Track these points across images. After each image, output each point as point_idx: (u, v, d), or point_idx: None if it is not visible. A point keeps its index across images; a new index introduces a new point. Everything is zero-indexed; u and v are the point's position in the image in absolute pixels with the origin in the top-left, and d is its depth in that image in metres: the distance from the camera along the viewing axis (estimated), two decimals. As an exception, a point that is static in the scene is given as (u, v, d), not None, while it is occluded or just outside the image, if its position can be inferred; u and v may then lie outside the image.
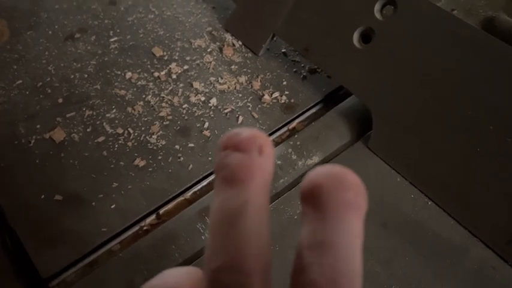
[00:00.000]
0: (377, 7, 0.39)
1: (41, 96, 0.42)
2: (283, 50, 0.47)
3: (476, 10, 0.42)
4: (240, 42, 0.47)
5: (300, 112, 0.42)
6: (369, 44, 0.39)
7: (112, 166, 0.37)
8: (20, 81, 0.43)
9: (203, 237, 0.34)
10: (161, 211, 0.36)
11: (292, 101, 0.42)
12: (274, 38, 0.45)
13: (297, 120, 0.42)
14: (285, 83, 0.44)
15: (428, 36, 0.36)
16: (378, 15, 0.39)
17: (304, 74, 0.45)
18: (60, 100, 0.42)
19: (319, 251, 0.15)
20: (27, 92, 0.42)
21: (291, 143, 0.39)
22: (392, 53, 0.37)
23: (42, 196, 0.36)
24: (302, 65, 0.45)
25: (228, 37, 0.48)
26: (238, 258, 0.15)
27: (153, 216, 0.36)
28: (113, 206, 0.35)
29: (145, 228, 0.35)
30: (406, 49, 0.37)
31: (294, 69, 0.45)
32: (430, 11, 0.36)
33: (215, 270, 0.15)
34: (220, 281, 0.15)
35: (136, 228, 0.35)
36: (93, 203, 0.35)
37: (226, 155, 0.16)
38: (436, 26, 0.36)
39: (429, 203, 0.35)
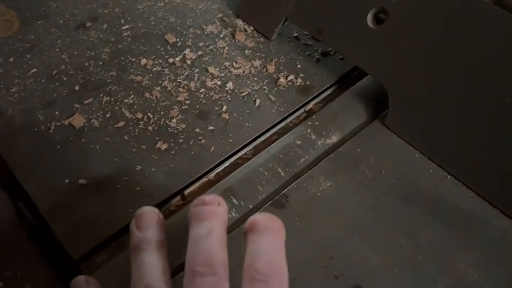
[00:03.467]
0: (390, -12, 0.40)
1: (57, 83, 0.42)
2: (295, 34, 0.47)
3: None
4: (252, 28, 0.47)
5: (316, 94, 0.42)
6: (383, 24, 0.40)
7: (134, 150, 0.38)
8: (35, 70, 0.43)
9: (229, 215, 0.34)
10: (186, 192, 0.36)
11: (307, 83, 0.43)
12: (286, 23, 0.46)
13: (313, 102, 0.42)
14: (299, 66, 0.44)
15: (440, 14, 0.37)
16: (391, -5, 0.40)
17: (317, 56, 0.45)
18: (77, 87, 0.42)
19: (257, 254, 0.24)
20: (43, 80, 0.42)
21: (309, 123, 0.40)
22: (406, 32, 0.38)
23: (66, 181, 0.36)
24: (315, 48, 0.46)
25: (240, 23, 0.48)
26: (209, 257, 0.24)
27: (178, 198, 0.36)
28: (138, 189, 0.35)
29: (171, 209, 0.35)
30: (419, 28, 0.38)
31: (307, 53, 0.46)
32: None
33: (194, 265, 0.23)
34: (198, 271, 0.23)
35: (162, 209, 0.35)
36: (118, 186, 0.35)
37: (197, 208, 0.26)
38: (449, 4, 0.36)
39: (448, 177, 0.36)
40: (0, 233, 0.34)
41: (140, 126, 0.39)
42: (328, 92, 0.43)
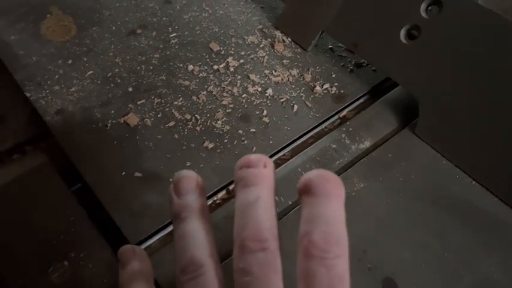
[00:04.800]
0: (423, 6, 0.43)
1: (112, 85, 0.46)
2: (329, 46, 0.51)
3: (505, 4, 0.46)
4: (290, 39, 0.51)
5: (350, 102, 0.46)
6: (415, 40, 0.43)
7: (184, 148, 0.41)
8: (91, 72, 0.47)
9: (271, 211, 0.37)
10: (231, 187, 0.40)
11: (341, 91, 0.46)
12: (322, 35, 0.49)
13: (347, 109, 0.45)
14: (333, 75, 0.48)
15: (471, 32, 0.40)
16: (423, 14, 0.43)
17: (351, 67, 0.49)
18: (130, 89, 0.46)
19: (314, 222, 0.21)
20: (99, 82, 0.46)
21: (344, 129, 0.43)
22: (437, 48, 0.41)
23: (123, 173, 0.39)
24: (348, 59, 0.49)
25: (278, 34, 0.52)
26: (258, 230, 0.22)
27: (224, 192, 0.39)
28: (188, 183, 0.39)
29: (217, 201, 0.39)
30: (450, 44, 0.41)
31: (342, 64, 0.49)
32: (474, 10, 0.40)
33: (243, 239, 0.22)
34: (247, 246, 0.22)
35: (209, 202, 0.39)
36: (170, 180, 0.39)
37: (243, 171, 0.24)
38: (479, 22, 0.39)
39: (473, 183, 0.39)
40: (65, 218, 0.38)
41: (189, 127, 0.43)
42: (361, 100, 0.46)
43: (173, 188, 0.26)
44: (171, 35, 0.51)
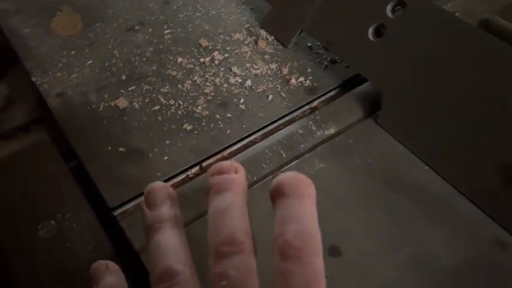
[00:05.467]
0: (389, 7, 0.47)
1: (108, 73, 0.52)
2: (308, 44, 0.55)
3: (475, 13, 0.49)
4: (273, 37, 0.55)
5: (321, 94, 0.49)
6: (382, 37, 0.47)
7: (165, 128, 0.46)
8: (91, 62, 0.53)
9: (237, 185, 0.41)
10: (204, 164, 0.44)
11: (314, 85, 0.50)
12: (302, 34, 0.54)
13: (318, 100, 0.49)
14: (309, 70, 0.52)
15: (431, 31, 0.43)
16: (389, 13, 0.46)
17: (326, 64, 0.53)
18: (123, 77, 0.51)
19: (288, 222, 0.22)
20: (97, 70, 0.52)
21: (312, 117, 0.47)
22: (400, 46, 0.45)
23: (109, 148, 0.44)
24: (324, 56, 0.53)
25: (263, 33, 0.56)
26: (232, 234, 0.23)
27: (197, 168, 0.44)
28: (165, 158, 0.43)
29: (190, 176, 0.43)
30: (412, 42, 0.44)
31: (318, 60, 0.53)
32: (435, 11, 0.44)
33: (218, 245, 0.23)
34: (222, 251, 0.22)
35: (183, 176, 0.43)
36: (150, 155, 0.44)
37: (215, 177, 0.25)
38: (438, 23, 0.43)
39: (425, 167, 0.42)
40: (56, 185, 0.43)
41: (171, 111, 0.48)
42: (332, 93, 0.50)
43: (144, 200, 0.27)
44: (166, 31, 0.57)
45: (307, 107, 0.49)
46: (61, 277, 0.38)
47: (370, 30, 0.48)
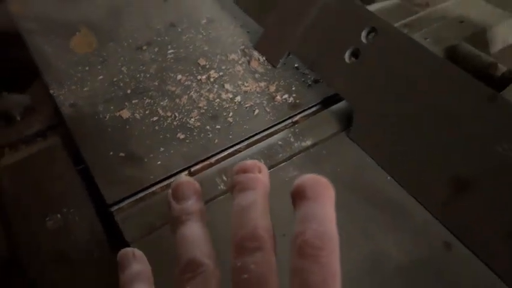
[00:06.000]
0: (363, 33, 0.52)
1: (115, 87, 0.58)
2: (295, 65, 0.61)
3: (445, 40, 0.54)
4: (264, 58, 0.61)
5: (302, 109, 0.55)
6: (356, 60, 0.52)
7: (161, 137, 0.52)
8: (102, 77, 0.60)
9: (219, 187, 0.47)
10: (192, 169, 0.50)
11: (297, 101, 0.56)
12: (289, 55, 0.59)
13: (299, 115, 0.55)
14: (294, 88, 0.57)
15: (398, 56, 0.49)
16: (364, 39, 0.52)
17: (310, 83, 0.58)
18: (129, 91, 0.58)
19: (307, 222, 0.23)
20: (106, 84, 0.59)
21: (292, 130, 0.53)
22: (372, 68, 0.50)
23: (111, 153, 0.51)
24: (309, 76, 0.59)
25: (256, 54, 0.62)
26: (253, 230, 0.23)
27: (187, 172, 0.50)
28: (159, 163, 0.50)
29: (186, 175, 0.49)
30: (382, 66, 0.49)
31: (302, 79, 0.59)
32: (401, 39, 0.49)
33: (240, 239, 0.23)
34: (244, 246, 0.23)
35: (173, 179, 0.49)
36: (146, 160, 0.50)
37: (239, 176, 0.26)
38: (404, 49, 0.48)
39: (388, 178, 0.47)
40: (64, 183, 0.49)
41: (168, 122, 0.54)
42: (313, 109, 0.56)
43: (172, 193, 0.27)
44: (169, 51, 0.63)
45: (290, 121, 0.54)
46: (63, 262, 0.45)
47: (347, 54, 0.53)
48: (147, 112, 0.55)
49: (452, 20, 0.58)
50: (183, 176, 0.30)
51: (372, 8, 0.70)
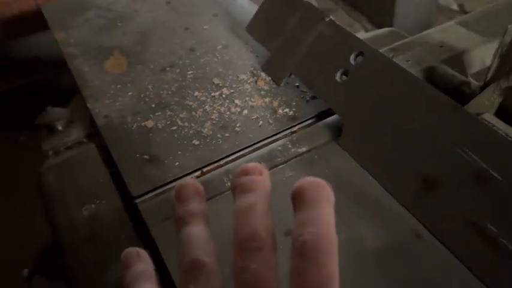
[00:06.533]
0: (352, 56, 0.61)
1: (142, 102, 0.69)
2: (296, 84, 0.70)
3: (425, 61, 0.62)
4: (269, 78, 0.71)
5: (300, 121, 0.64)
6: (346, 79, 0.61)
7: (179, 143, 0.62)
8: (131, 93, 0.70)
9: (226, 185, 0.56)
10: (204, 169, 0.59)
11: (296, 114, 0.65)
12: (291, 75, 0.69)
13: (297, 126, 0.63)
14: (294, 103, 0.66)
15: (381, 77, 0.57)
16: (352, 61, 0.61)
17: (308, 99, 0.67)
18: (153, 105, 0.68)
19: (306, 225, 0.23)
20: (134, 100, 0.69)
21: (290, 138, 0.61)
22: (359, 86, 0.59)
23: (137, 155, 0.60)
24: (308, 93, 0.68)
25: (262, 74, 0.72)
26: (254, 231, 0.24)
27: (199, 172, 0.59)
28: (176, 164, 0.59)
29: (193, 177, 0.58)
30: (367, 84, 0.58)
31: (302, 96, 0.68)
32: (384, 61, 0.57)
33: (241, 240, 0.24)
34: (245, 246, 0.23)
35: (188, 177, 0.58)
36: (166, 161, 0.59)
37: (240, 178, 0.26)
38: (387, 71, 0.57)
39: (370, 178, 0.55)
40: (96, 181, 0.59)
41: (185, 130, 0.63)
42: (309, 121, 0.64)
43: (175, 195, 0.28)
44: (189, 72, 0.74)
45: (289, 131, 0.63)
46: (93, 244, 0.54)
47: (338, 74, 0.62)
48: (168, 123, 0.65)
49: (433, 45, 0.66)
50: (187, 179, 0.33)
51: (369, 34, 0.79)
